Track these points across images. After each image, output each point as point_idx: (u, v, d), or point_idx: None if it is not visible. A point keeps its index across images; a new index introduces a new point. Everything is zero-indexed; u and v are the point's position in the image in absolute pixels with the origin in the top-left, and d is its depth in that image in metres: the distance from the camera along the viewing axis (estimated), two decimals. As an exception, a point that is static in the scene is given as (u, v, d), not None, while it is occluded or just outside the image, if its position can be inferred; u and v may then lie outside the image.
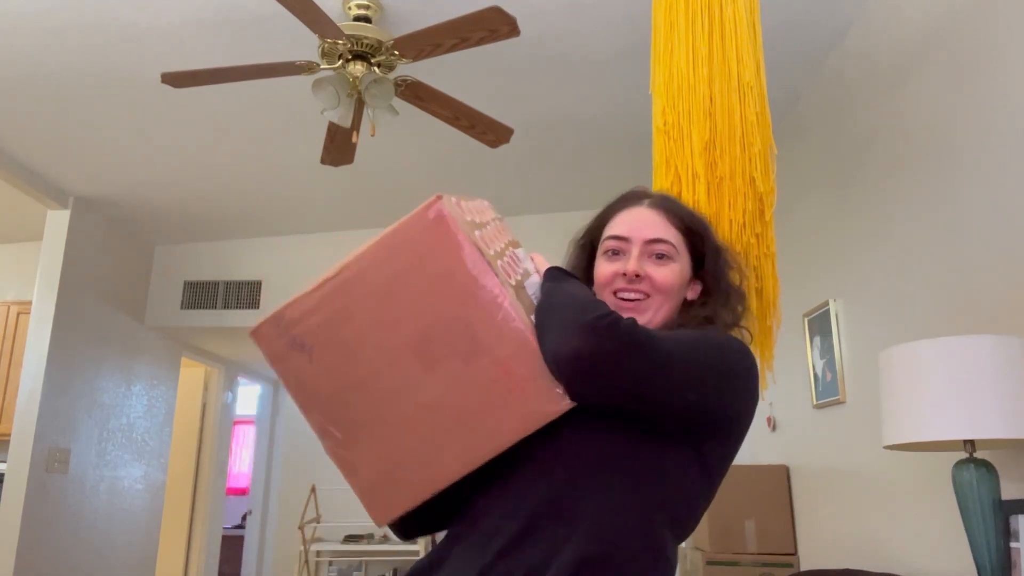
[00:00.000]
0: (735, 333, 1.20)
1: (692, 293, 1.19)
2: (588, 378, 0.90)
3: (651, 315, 1.12)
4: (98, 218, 4.56)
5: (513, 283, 0.99)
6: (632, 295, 1.12)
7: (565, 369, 0.90)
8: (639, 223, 1.16)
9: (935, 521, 2.32)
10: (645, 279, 1.12)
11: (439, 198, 0.98)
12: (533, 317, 0.97)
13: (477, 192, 1.17)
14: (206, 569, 5.87)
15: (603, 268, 1.17)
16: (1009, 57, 2.02)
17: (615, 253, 1.16)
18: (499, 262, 0.99)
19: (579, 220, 4.85)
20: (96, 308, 4.53)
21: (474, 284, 0.93)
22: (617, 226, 1.18)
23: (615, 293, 1.13)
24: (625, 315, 0.99)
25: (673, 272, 1.14)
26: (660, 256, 1.14)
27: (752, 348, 1.85)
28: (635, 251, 1.14)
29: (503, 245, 1.07)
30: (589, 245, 1.25)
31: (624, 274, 1.12)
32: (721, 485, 1.11)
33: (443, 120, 2.99)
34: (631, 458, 0.96)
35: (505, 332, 0.93)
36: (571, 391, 0.92)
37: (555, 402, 0.93)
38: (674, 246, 1.15)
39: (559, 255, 4.62)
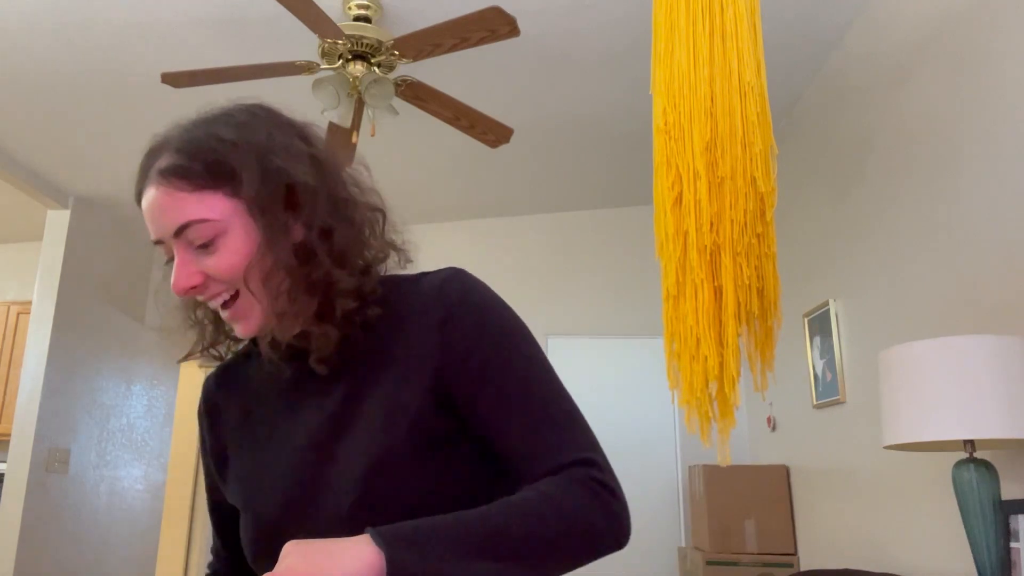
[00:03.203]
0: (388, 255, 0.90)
1: (298, 233, 0.83)
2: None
3: (260, 311, 0.83)
4: (98, 218, 4.56)
5: None
6: (218, 302, 0.83)
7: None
8: (156, 215, 0.81)
9: (935, 521, 2.32)
10: (209, 281, 0.82)
11: None
12: None
13: (477, 192, 1.01)
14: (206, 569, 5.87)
15: (169, 282, 0.85)
16: (1008, 57, 2.02)
17: (171, 260, 0.84)
18: None
19: (579, 220, 4.87)
20: (96, 308, 4.53)
21: None
22: (147, 224, 0.84)
23: (204, 304, 0.86)
24: (238, 328, 0.83)
25: (229, 253, 0.80)
26: (204, 245, 0.81)
27: (752, 347, 1.86)
28: (177, 254, 0.82)
29: None
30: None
31: (174, 292, 0.84)
32: (721, 485, 1.04)
33: (443, 120, 2.99)
34: None
35: None
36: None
37: None
38: (210, 220, 0.80)
39: (559, 255, 4.59)
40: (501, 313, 0.84)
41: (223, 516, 0.99)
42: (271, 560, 0.81)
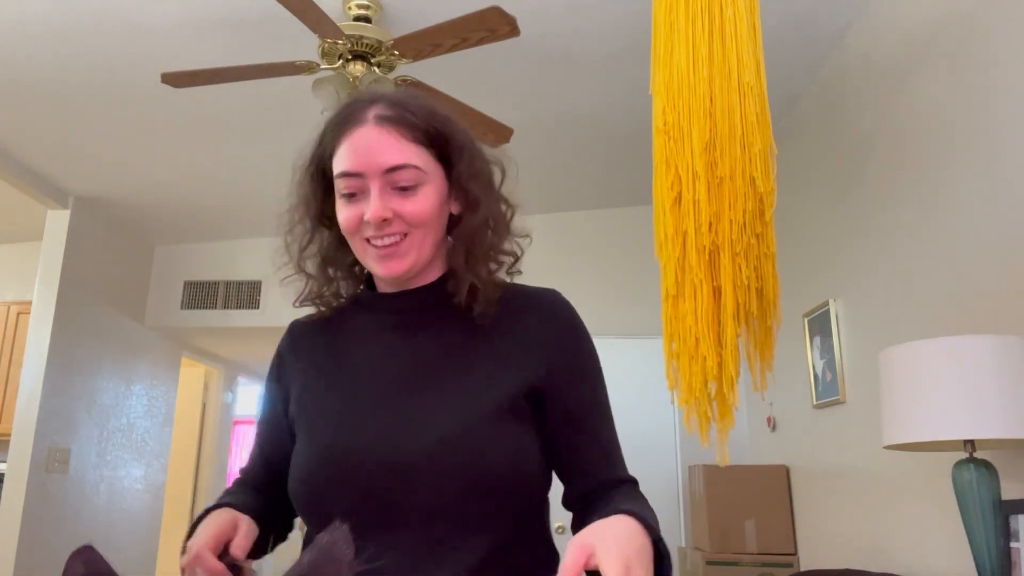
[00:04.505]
0: (514, 250, 1.05)
1: (456, 206, 1.00)
2: None
3: (416, 254, 0.95)
4: (98, 218, 4.56)
5: None
6: (386, 240, 0.94)
7: None
8: (370, 150, 0.93)
9: (935, 521, 2.32)
10: (395, 220, 0.93)
11: None
12: None
13: None
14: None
15: (344, 213, 0.95)
16: (1007, 58, 2.02)
17: (352, 195, 0.95)
18: None
19: (579, 220, 4.85)
20: (96, 308, 4.53)
21: None
22: (345, 159, 0.94)
23: (368, 240, 0.95)
24: (386, 265, 0.95)
25: (427, 199, 0.94)
26: (406, 187, 0.93)
27: (751, 347, 1.85)
28: (375, 189, 0.93)
29: None
30: (320, 174, 1.02)
31: (370, 221, 0.93)
32: (721, 485, 1.12)
33: (443, 120, 2.99)
34: None
35: None
36: None
37: None
38: (419, 168, 0.94)
39: (558, 254, 4.60)
40: (592, 343, 1.03)
41: (282, 451, 1.01)
42: (331, 485, 0.89)
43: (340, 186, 0.95)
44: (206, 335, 5.45)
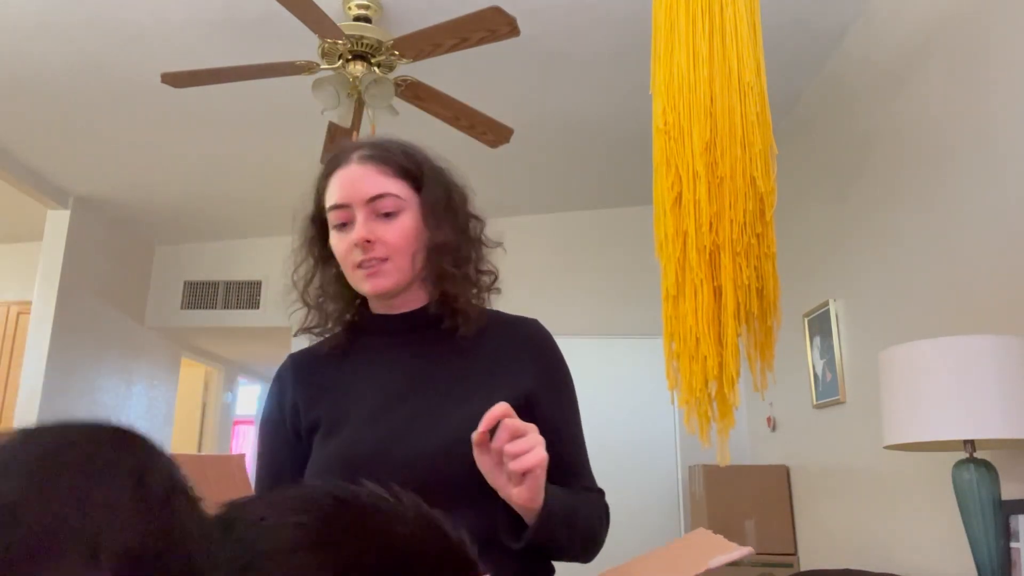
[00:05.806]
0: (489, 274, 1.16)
1: (438, 234, 1.10)
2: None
3: (397, 275, 1.05)
4: (98, 218, 4.56)
5: None
6: (370, 264, 1.04)
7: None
8: (354, 183, 1.05)
9: (935, 521, 2.32)
10: (377, 243, 1.04)
11: None
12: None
13: (477, 192, 1.15)
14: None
15: (337, 243, 1.07)
16: (1007, 59, 2.02)
17: (343, 225, 1.06)
18: None
19: (579, 220, 4.85)
20: (96, 308, 4.53)
21: None
22: (334, 193, 1.06)
23: (358, 265, 1.05)
24: (372, 282, 1.05)
25: (404, 227, 1.05)
26: (387, 214, 1.05)
27: (751, 347, 1.85)
28: (360, 216, 1.04)
29: None
30: (319, 218, 1.12)
31: (356, 244, 1.04)
32: (721, 485, 1.15)
33: (443, 120, 2.99)
34: None
35: None
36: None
37: None
38: (398, 196, 1.05)
39: (558, 254, 4.58)
40: (567, 367, 1.15)
41: (289, 468, 1.08)
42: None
43: (332, 219, 1.07)
44: (206, 335, 5.45)
